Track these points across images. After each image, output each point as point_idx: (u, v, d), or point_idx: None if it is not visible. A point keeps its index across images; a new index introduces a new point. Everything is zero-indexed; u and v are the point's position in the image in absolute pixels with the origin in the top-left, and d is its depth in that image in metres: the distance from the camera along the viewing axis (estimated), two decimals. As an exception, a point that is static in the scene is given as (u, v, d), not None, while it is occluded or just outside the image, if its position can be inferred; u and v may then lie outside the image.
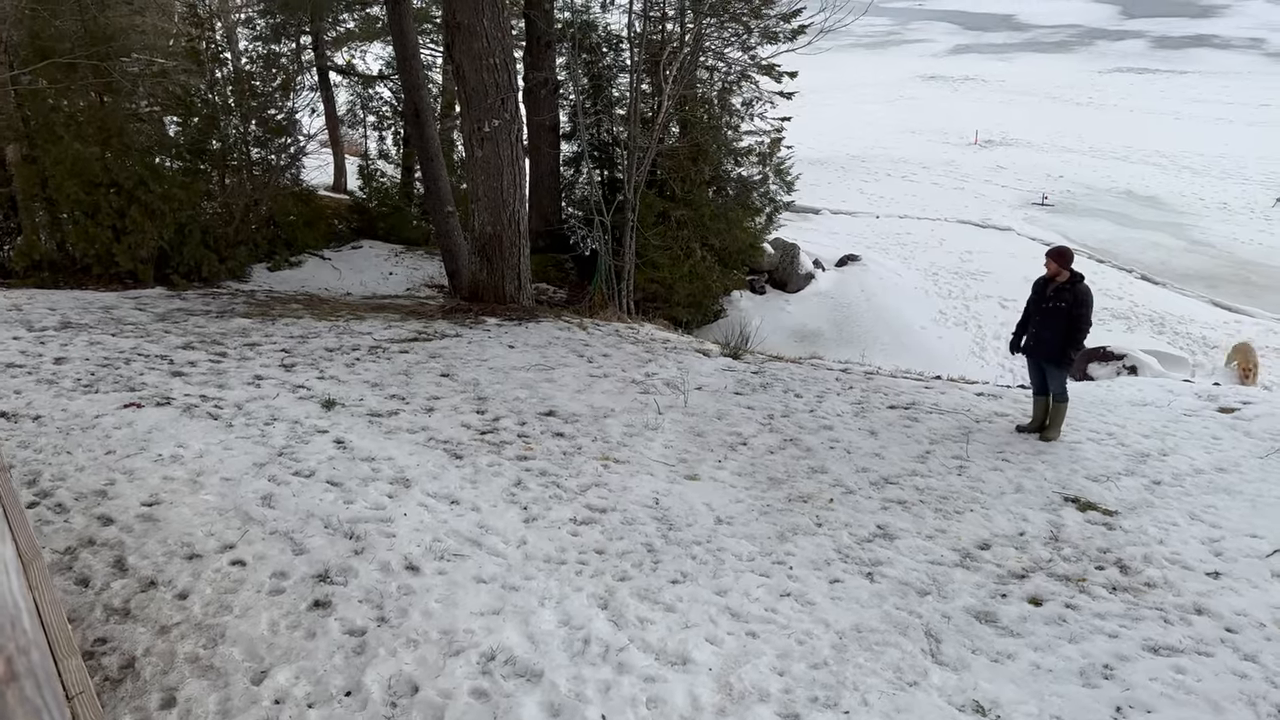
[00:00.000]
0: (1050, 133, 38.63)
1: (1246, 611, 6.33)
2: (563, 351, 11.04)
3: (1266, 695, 5.51)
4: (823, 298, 20.36)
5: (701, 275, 18.12)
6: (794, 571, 6.65)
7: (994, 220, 27.48)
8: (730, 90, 18.86)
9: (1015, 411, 9.97)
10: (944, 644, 5.90)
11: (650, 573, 6.50)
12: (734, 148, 19.04)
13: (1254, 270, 23.42)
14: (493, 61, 11.76)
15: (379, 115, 20.95)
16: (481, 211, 12.49)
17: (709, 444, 8.77)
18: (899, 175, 33.12)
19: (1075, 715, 5.28)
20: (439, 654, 5.39)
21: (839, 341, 18.39)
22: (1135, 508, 7.78)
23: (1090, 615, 6.25)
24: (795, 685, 5.38)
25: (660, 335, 12.51)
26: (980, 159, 35.22)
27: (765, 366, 11.24)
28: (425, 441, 8.29)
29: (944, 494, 7.98)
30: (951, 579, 6.65)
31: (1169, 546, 7.18)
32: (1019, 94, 48.57)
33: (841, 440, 9.00)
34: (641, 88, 16.67)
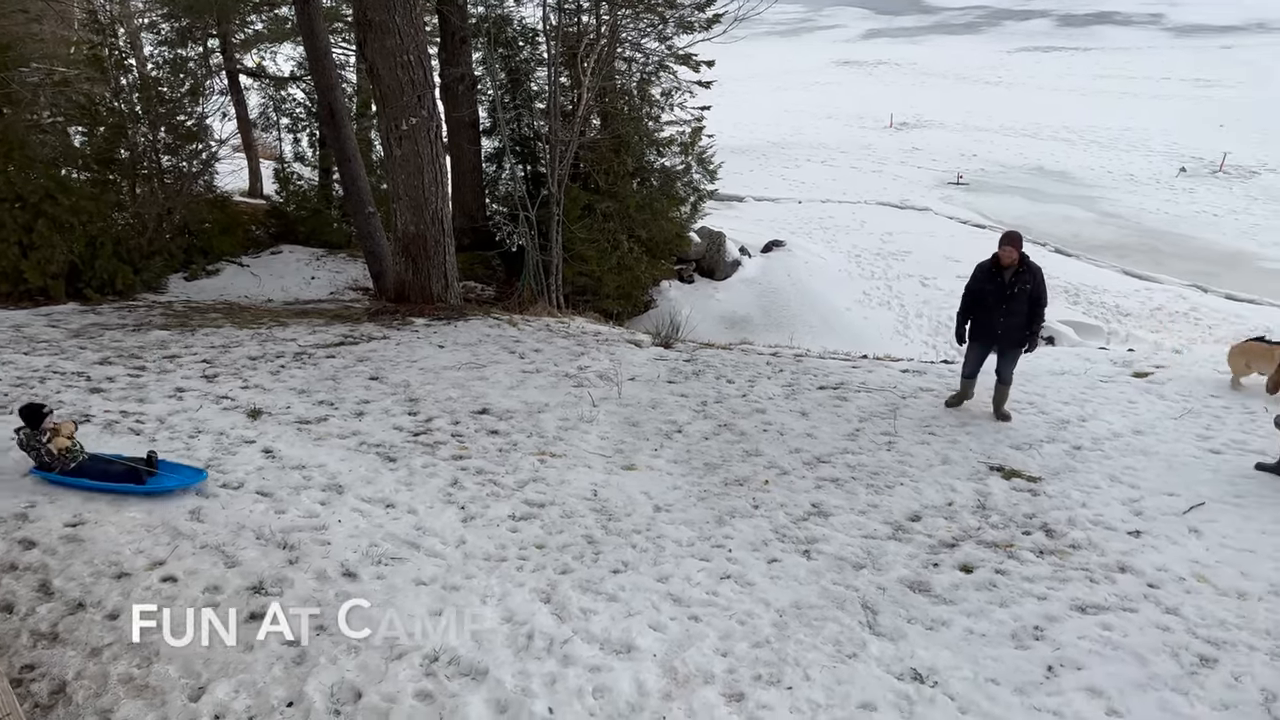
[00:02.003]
0: (962, 113, 39.52)
1: (1167, 567, 6.61)
2: (494, 349, 10.98)
3: (1188, 646, 5.76)
4: (750, 284, 20.57)
5: (630, 266, 18.15)
6: (733, 554, 6.75)
7: (912, 201, 28.05)
8: (649, 81, 18.90)
9: (940, 386, 10.21)
10: (880, 615, 6.04)
11: (591, 564, 6.53)
12: (656, 138, 19.10)
13: (1161, 239, 24.31)
14: (407, 59, 11.61)
15: (293, 117, 20.49)
16: (403, 211, 12.34)
17: (644, 433, 8.83)
18: (819, 160, 33.56)
19: (1009, 677, 5.47)
20: (381, 659, 5.35)
21: (768, 326, 18.60)
22: (1058, 473, 8.04)
23: (1019, 579, 6.46)
24: (739, 665, 5.47)
25: (591, 328, 12.53)
26: (896, 141, 35.88)
27: (697, 354, 11.33)
28: (357, 446, 8.19)
29: (875, 470, 8.15)
30: (885, 552, 6.81)
31: (1091, 509, 7.44)
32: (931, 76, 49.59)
33: (774, 423, 9.13)
34: (560, 81, 16.62)
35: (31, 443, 7.04)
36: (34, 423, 7.08)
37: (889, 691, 5.29)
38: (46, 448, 6.99)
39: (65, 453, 7.03)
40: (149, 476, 7.09)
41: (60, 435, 7.09)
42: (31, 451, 7.06)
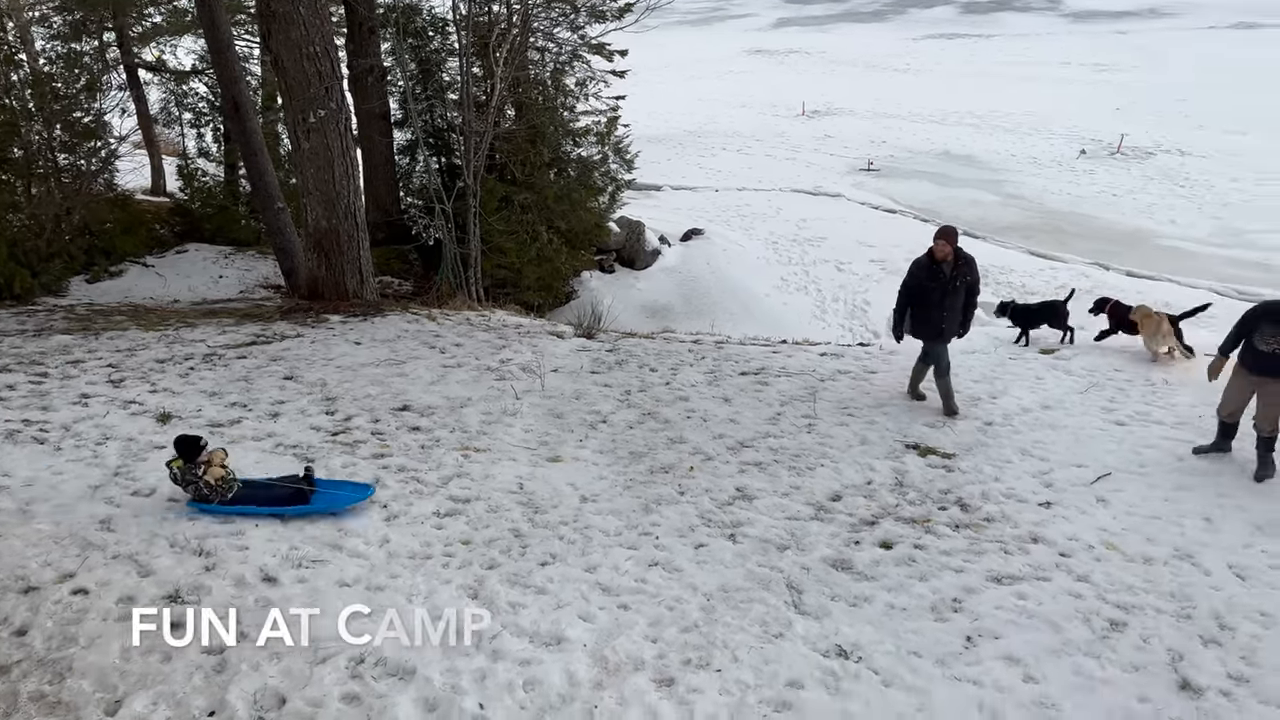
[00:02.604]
0: (871, 100, 40.24)
1: (1077, 536, 6.87)
2: (413, 344, 10.83)
3: (1099, 611, 6.00)
4: (670, 272, 20.64)
5: (549, 258, 18.05)
6: (660, 541, 6.79)
7: (825, 187, 28.45)
8: (563, 71, 18.79)
9: (857, 368, 10.40)
10: (805, 594, 6.15)
11: (519, 558, 6.50)
12: (571, 128, 19.00)
13: (1064, 219, 25.12)
14: (313, 50, 11.34)
15: (196, 112, 19.81)
16: (314, 206, 12.07)
17: (569, 424, 8.81)
18: (734, 149, 33.82)
19: (930, 649, 5.62)
20: (305, 663, 5.25)
21: (689, 314, 18.68)
22: (971, 449, 8.28)
23: (937, 553, 6.65)
24: (669, 650, 5.51)
25: (513, 321, 12.44)
26: (809, 129, 36.36)
27: (619, 344, 11.34)
28: (273, 448, 8.00)
29: (796, 452, 8.28)
30: (808, 532, 6.93)
31: (1004, 482, 7.69)
32: (840, 64, 50.35)
33: (698, 410, 9.20)
34: (473, 71, 16.41)
35: (188, 476, 6.74)
36: (190, 455, 6.76)
37: (815, 669, 5.39)
38: (204, 480, 6.71)
39: (221, 482, 6.78)
40: (311, 495, 6.89)
41: (214, 465, 6.82)
42: (190, 486, 6.75)
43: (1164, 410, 9.07)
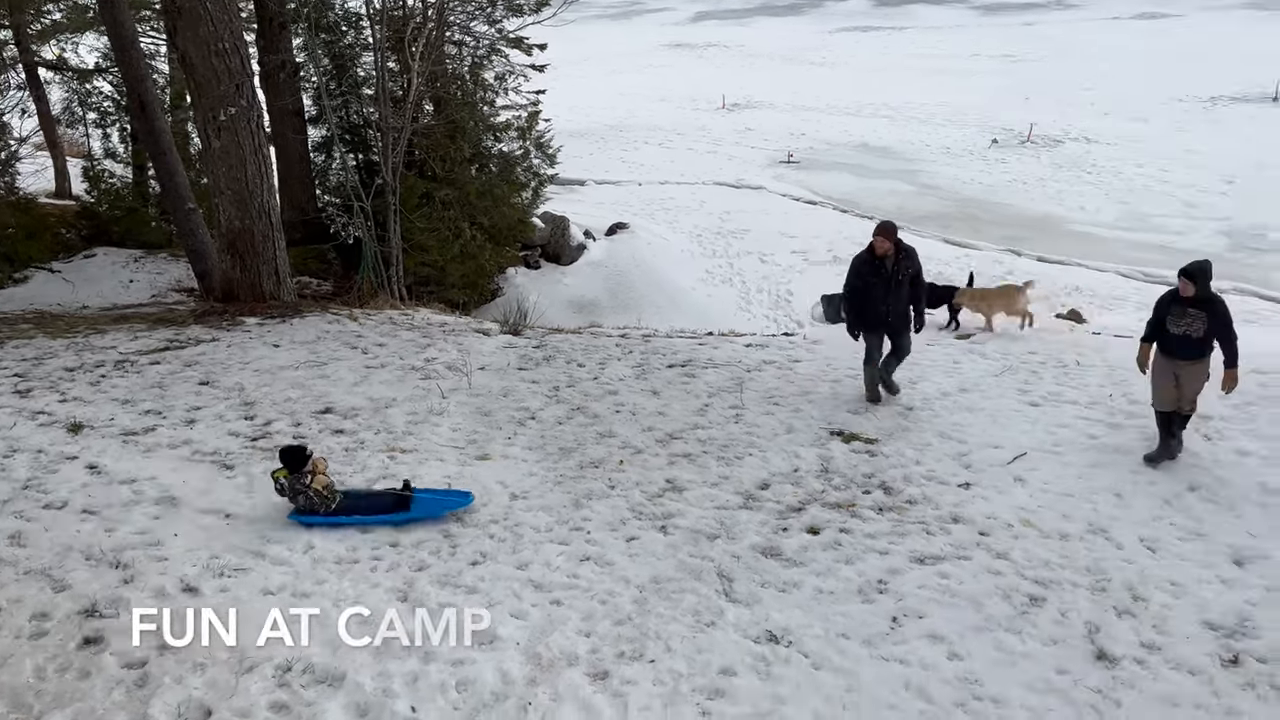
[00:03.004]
0: (790, 93, 40.66)
1: (995, 515, 7.07)
2: (334, 345, 10.62)
3: (1018, 587, 6.19)
4: (596, 267, 20.62)
5: (473, 255, 17.88)
6: (592, 535, 6.79)
7: (747, 180, 28.69)
8: (481, 65, 18.60)
9: (782, 358, 10.51)
10: (736, 582, 6.22)
11: (449, 558, 6.44)
12: (492, 123, 18.84)
13: (978, 207, 25.78)
14: (221, 46, 11.04)
15: (101, 112, 19.10)
16: (227, 206, 11.75)
17: (497, 422, 8.74)
18: (656, 143, 33.89)
19: (857, 630, 5.74)
20: (230, 673, 5.13)
21: (616, 308, 18.69)
22: (892, 434, 8.45)
23: (862, 536, 6.78)
24: (602, 644, 5.53)
25: (437, 319, 12.29)
26: (729, 122, 36.61)
27: (546, 340, 11.29)
28: (190, 456, 7.78)
29: (724, 442, 8.35)
30: (738, 520, 7.01)
31: (925, 465, 7.87)
32: (758, 58, 50.77)
33: (626, 403, 9.21)
34: (388, 66, 16.15)
35: (296, 486, 6.66)
36: (297, 465, 6.69)
37: (747, 655, 5.46)
38: (312, 489, 6.64)
39: (326, 490, 6.71)
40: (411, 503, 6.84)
41: (319, 474, 6.77)
42: (299, 496, 6.67)
43: (1076, 391, 9.37)
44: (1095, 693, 5.25)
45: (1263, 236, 22.38)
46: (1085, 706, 5.14)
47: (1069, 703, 5.17)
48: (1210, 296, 7.50)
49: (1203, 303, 7.46)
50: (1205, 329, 7.47)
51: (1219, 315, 7.45)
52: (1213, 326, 7.46)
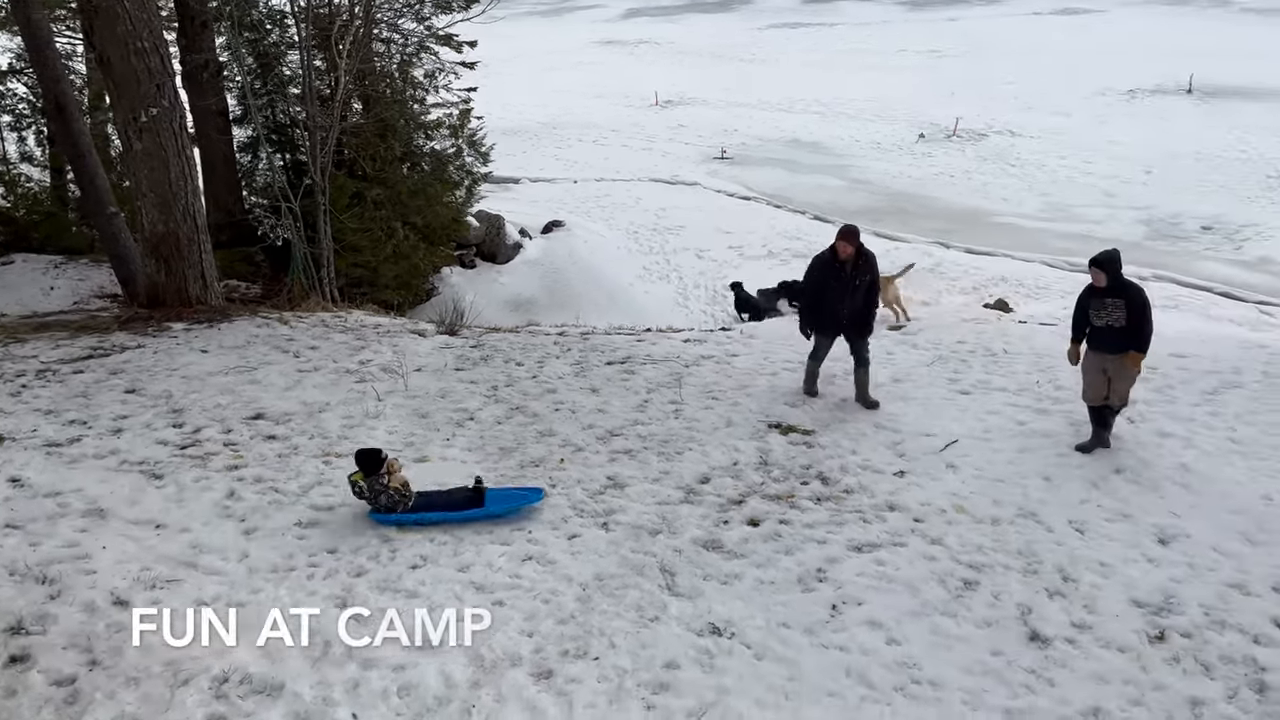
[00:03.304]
0: (722, 90, 40.88)
1: (930, 502, 7.22)
2: (265, 349, 10.40)
3: (953, 572, 6.33)
4: (533, 265, 20.51)
5: (407, 255, 17.64)
6: (533, 535, 6.77)
7: (682, 176, 28.80)
8: (411, 63, 18.36)
9: (720, 353, 10.58)
10: (678, 576, 6.25)
11: (388, 563, 6.36)
12: (423, 121, 18.60)
13: (907, 201, 26.21)
14: (141, 45, 10.73)
15: (15, 114, 18.43)
16: (150, 209, 11.43)
17: (435, 423, 8.65)
18: (590, 140, 33.83)
19: (798, 619, 5.82)
20: (165, 687, 5.01)
21: (553, 306, 18.61)
22: (829, 425, 8.57)
23: (801, 527, 6.87)
24: (545, 643, 5.51)
25: (371, 320, 12.11)
26: (663, 119, 36.69)
27: (484, 339, 11.21)
28: (117, 466, 7.56)
29: (665, 438, 8.38)
30: (679, 515, 7.04)
31: (860, 455, 8.00)
32: (689, 54, 50.94)
33: (566, 401, 9.19)
34: (315, 64, 15.86)
35: (375, 487, 6.73)
36: (373, 468, 6.76)
37: (690, 648, 5.50)
38: (391, 489, 6.73)
39: (404, 488, 6.81)
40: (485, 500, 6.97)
41: (395, 473, 6.86)
42: (381, 495, 6.74)
43: (1004, 378, 9.61)
44: (1029, 673, 5.39)
45: (1179, 224, 23.14)
46: (1019, 686, 5.28)
47: (1004, 683, 5.30)
48: (1124, 284, 7.63)
49: (1118, 291, 7.59)
50: (1126, 317, 7.58)
51: (1135, 301, 7.57)
52: (1131, 313, 7.57)
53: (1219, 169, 26.96)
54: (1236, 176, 26.23)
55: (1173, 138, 30.05)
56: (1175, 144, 29.35)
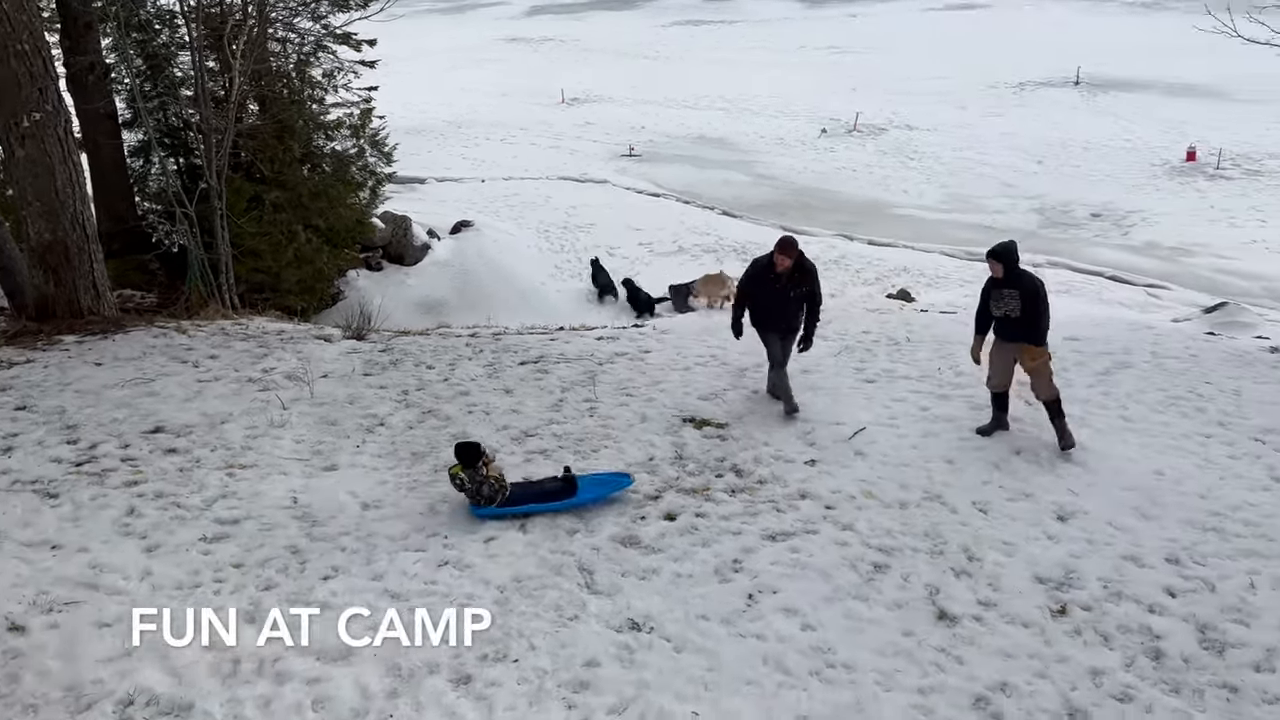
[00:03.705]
0: (628, 87, 41.03)
1: (840, 489, 7.38)
2: (162, 360, 10.04)
3: (864, 556, 6.49)
4: (442, 266, 20.25)
5: (310, 259, 17.23)
6: (449, 540, 6.70)
7: (591, 174, 28.82)
8: (308, 62, 17.95)
9: (633, 349, 10.62)
10: (596, 574, 6.27)
11: (299, 575, 6.23)
12: (322, 122, 18.19)
13: (811, 195, 26.73)
14: (21, 48, 10.24)
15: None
16: (35, 218, 10.93)
17: (344, 430, 8.48)
18: (497, 138, 33.59)
19: (716, 610, 5.89)
20: (66, 713, 4.83)
21: (464, 308, 18.42)
22: (741, 417, 8.68)
23: (717, 519, 6.95)
24: (463, 649, 5.46)
25: (274, 327, 11.79)
26: (570, 116, 36.65)
27: (393, 343, 11.02)
28: (9, 486, 7.22)
29: (580, 436, 8.38)
30: (596, 513, 7.05)
31: (773, 446, 8.12)
32: (595, 52, 51.00)
33: (479, 403, 9.11)
34: (207, 65, 15.37)
35: (476, 478, 6.87)
36: (473, 460, 6.88)
37: (610, 645, 5.52)
38: (489, 480, 6.87)
39: (500, 479, 6.93)
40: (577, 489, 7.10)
41: (492, 465, 6.97)
42: (485, 485, 6.89)
43: (908, 366, 9.87)
44: (939, 651, 5.56)
45: (1071, 212, 24.11)
46: (930, 665, 5.44)
47: (915, 663, 5.46)
48: (1019, 274, 7.78)
49: (1014, 281, 7.75)
50: (1020, 308, 7.74)
51: (1027, 291, 7.70)
52: (1026, 306, 7.70)
53: (1106, 158, 28.18)
54: (1122, 165, 27.46)
55: (1062, 129, 31.28)
56: (1065, 135, 30.56)
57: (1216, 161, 26.62)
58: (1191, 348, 10.40)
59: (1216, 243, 21.46)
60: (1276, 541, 6.61)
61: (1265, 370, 9.73)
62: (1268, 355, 10.30)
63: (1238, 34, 10.87)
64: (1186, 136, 28.96)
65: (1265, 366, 9.85)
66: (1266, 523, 6.84)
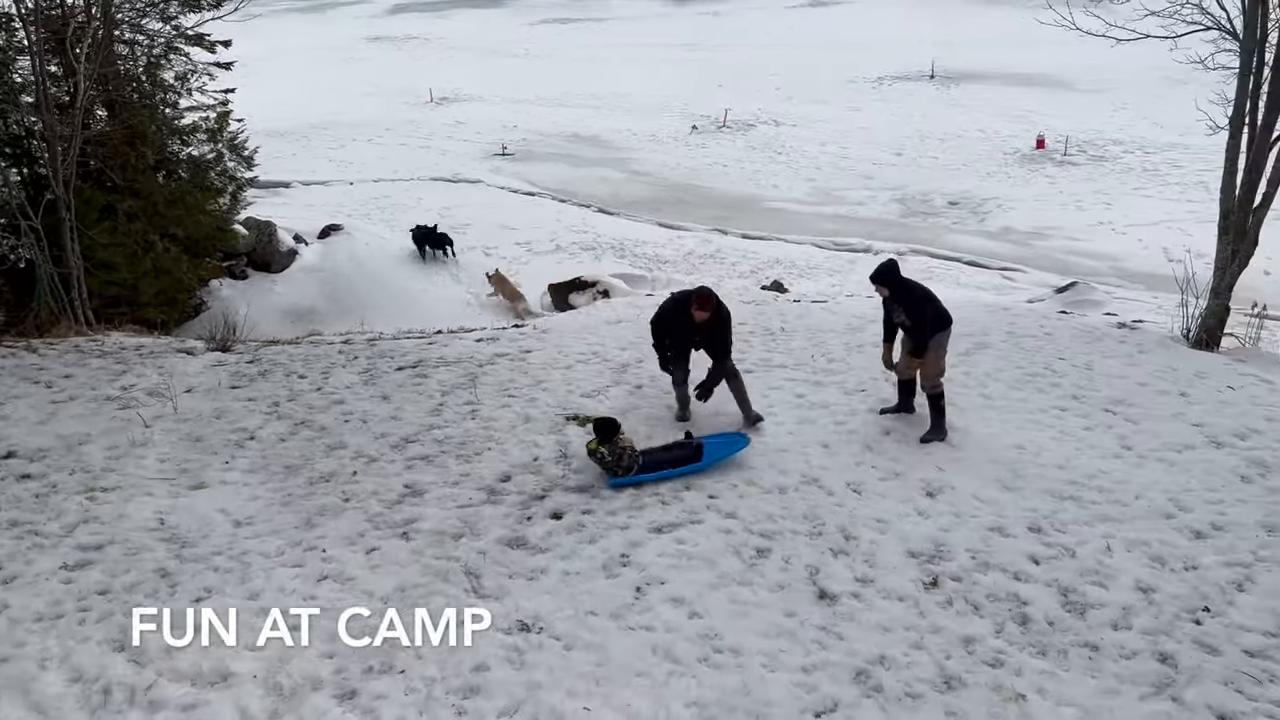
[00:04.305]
0: (498, 86, 40.74)
1: (723, 478, 7.52)
2: (11, 381, 9.45)
3: (747, 542, 6.63)
4: (311, 272, 19.68)
5: (169, 269, 16.46)
6: (328, 553, 6.53)
7: (464, 174, 28.50)
8: (159, 65, 17.12)
9: (514, 350, 10.55)
10: (484, 578, 6.22)
11: (169, 598, 5.97)
12: (177, 126, 17.38)
13: (685, 191, 27.12)
14: None
15: None
16: None
17: (212, 446, 8.17)
18: (364, 139, 32.83)
19: (604, 606, 5.93)
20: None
21: (336, 314, 17.98)
22: (624, 413, 8.72)
23: (603, 515, 6.99)
24: (348, 663, 5.35)
25: (132, 342, 11.24)
26: (440, 116, 36.12)
27: (261, 353, 10.66)
28: None
29: (462, 440, 8.29)
30: (481, 516, 7.00)
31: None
32: (462, 51, 50.40)
33: (355, 411, 8.90)
34: (49, 70, 14.49)
35: (615, 451, 7.25)
36: (611, 434, 7.31)
37: (499, 648, 5.49)
38: (628, 451, 7.27)
39: (633, 449, 7.29)
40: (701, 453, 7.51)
41: (624, 437, 7.33)
42: (623, 457, 7.26)
43: (783, 355, 10.13)
44: (820, 630, 5.74)
45: (930, 201, 25.16)
46: (812, 644, 5.61)
47: (798, 643, 5.62)
48: (905, 289, 8.00)
49: (901, 297, 8.00)
50: (907, 319, 8.03)
51: (912, 306, 7.95)
52: (910, 317, 7.98)
53: (961, 148, 29.52)
54: (976, 155, 28.82)
55: (919, 121, 32.62)
56: (922, 127, 31.88)
57: (1064, 149, 28.21)
58: (1045, 326, 11.00)
59: (1067, 226, 22.75)
60: (1129, 506, 7.07)
61: (1114, 345, 10.38)
62: (1115, 330, 10.99)
63: (1076, 27, 11.49)
64: (1035, 126, 30.62)
65: (1113, 341, 10.51)
66: (1119, 489, 7.31)
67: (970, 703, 5.16)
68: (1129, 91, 34.26)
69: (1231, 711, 5.07)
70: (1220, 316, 10.80)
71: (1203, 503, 7.10)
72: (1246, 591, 6.06)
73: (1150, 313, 14.34)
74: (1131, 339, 10.60)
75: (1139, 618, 5.83)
